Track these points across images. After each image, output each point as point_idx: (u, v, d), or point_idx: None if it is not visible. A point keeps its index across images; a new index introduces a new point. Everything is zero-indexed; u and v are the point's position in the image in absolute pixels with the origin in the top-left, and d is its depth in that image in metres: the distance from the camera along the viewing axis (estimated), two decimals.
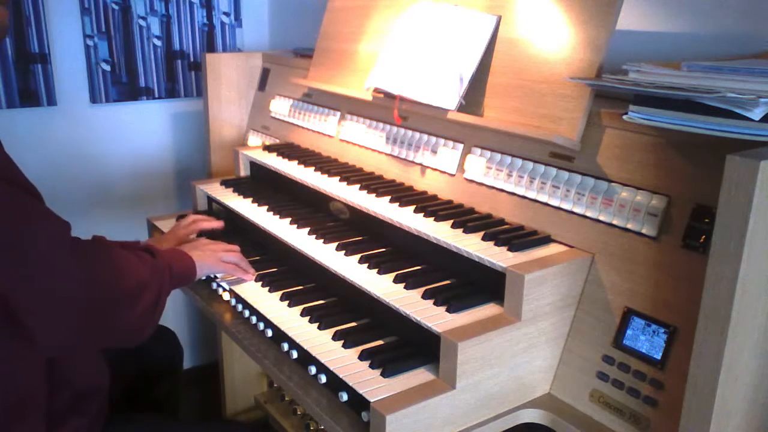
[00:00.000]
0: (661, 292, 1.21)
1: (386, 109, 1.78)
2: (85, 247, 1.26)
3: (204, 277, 1.79)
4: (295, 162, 2.00)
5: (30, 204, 1.17)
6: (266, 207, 1.89)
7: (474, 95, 1.58)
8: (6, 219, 1.10)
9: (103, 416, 1.43)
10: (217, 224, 1.86)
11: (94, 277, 1.23)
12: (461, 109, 1.57)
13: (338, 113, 2.06)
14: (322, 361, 1.31)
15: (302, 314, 1.50)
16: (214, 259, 1.60)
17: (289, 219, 1.78)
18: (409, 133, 1.78)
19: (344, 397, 1.24)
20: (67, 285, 1.18)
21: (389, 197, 1.65)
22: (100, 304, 1.24)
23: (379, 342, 1.38)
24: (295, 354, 1.40)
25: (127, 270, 1.31)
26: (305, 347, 1.36)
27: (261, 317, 1.52)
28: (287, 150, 2.13)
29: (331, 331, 1.41)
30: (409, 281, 1.40)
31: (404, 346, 1.35)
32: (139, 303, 1.30)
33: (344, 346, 1.36)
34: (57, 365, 1.29)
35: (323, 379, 1.31)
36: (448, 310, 1.29)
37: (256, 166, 2.21)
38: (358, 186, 1.76)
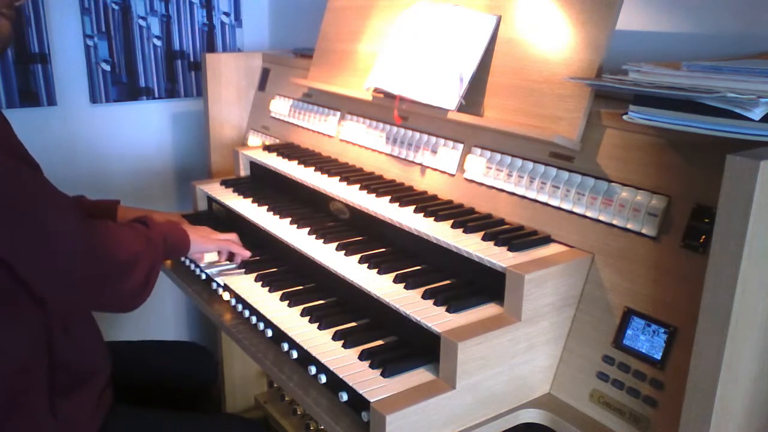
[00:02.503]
0: (661, 292, 1.21)
1: (386, 109, 1.78)
2: (86, 219, 1.32)
3: (204, 277, 1.79)
4: (295, 162, 2.00)
5: (40, 179, 1.24)
6: (266, 207, 1.89)
7: (474, 95, 1.58)
8: (20, 192, 1.16)
9: (106, 401, 1.45)
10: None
11: (94, 248, 1.29)
12: (461, 109, 1.57)
13: (338, 113, 2.06)
14: (322, 361, 1.31)
15: (302, 314, 1.49)
16: (207, 239, 1.66)
17: (289, 219, 1.78)
18: (409, 133, 1.78)
19: (344, 397, 1.24)
20: (71, 254, 1.24)
21: (389, 197, 1.65)
22: (98, 272, 1.30)
23: (379, 342, 1.38)
24: (295, 354, 1.40)
25: (124, 242, 1.36)
26: (305, 347, 1.36)
27: (261, 317, 1.52)
28: (287, 150, 2.13)
29: (331, 331, 1.41)
30: (409, 281, 1.40)
31: (404, 346, 1.35)
32: (133, 273, 1.35)
33: (344, 346, 1.36)
34: (56, 344, 1.33)
35: (323, 379, 1.31)
36: (448, 310, 1.29)
37: (256, 166, 2.21)
38: (358, 186, 1.76)
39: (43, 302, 1.28)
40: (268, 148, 2.18)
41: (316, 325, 1.44)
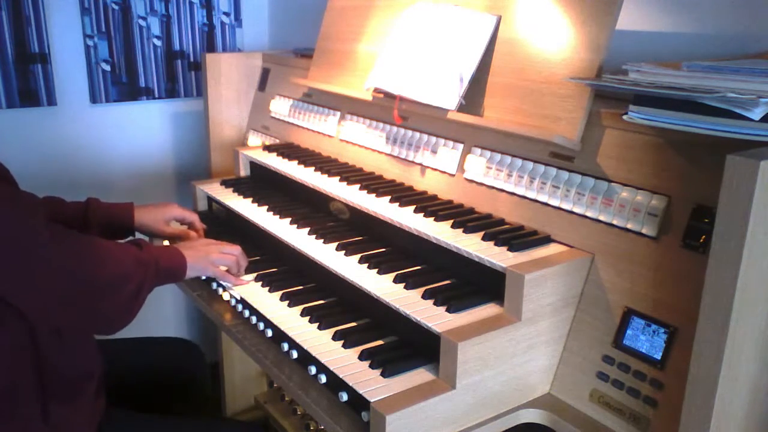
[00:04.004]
0: (661, 292, 1.21)
1: (386, 109, 1.78)
2: (62, 234, 1.26)
3: (204, 278, 1.79)
4: (295, 162, 2.00)
5: (6, 191, 1.18)
6: (266, 207, 1.89)
7: (474, 95, 1.58)
8: None
9: (100, 404, 1.43)
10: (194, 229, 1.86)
11: (71, 265, 1.24)
12: (461, 109, 1.57)
13: (338, 113, 2.06)
14: (322, 361, 1.31)
15: (302, 314, 1.49)
16: (206, 262, 1.57)
17: (289, 219, 1.78)
18: (409, 133, 1.78)
19: (344, 397, 1.24)
20: (45, 272, 1.19)
21: (389, 197, 1.65)
22: (77, 291, 1.25)
23: (379, 342, 1.38)
24: (295, 354, 1.40)
25: (107, 260, 1.31)
26: (305, 347, 1.36)
27: (261, 317, 1.52)
28: (287, 150, 2.13)
29: (331, 331, 1.41)
30: (409, 281, 1.40)
31: (404, 346, 1.35)
32: (117, 294, 1.30)
33: (344, 346, 1.36)
34: (44, 350, 1.29)
35: (323, 379, 1.31)
36: (448, 310, 1.29)
37: (256, 166, 2.21)
38: (358, 186, 1.76)
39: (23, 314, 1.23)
40: (268, 148, 2.19)
41: (316, 325, 1.44)
